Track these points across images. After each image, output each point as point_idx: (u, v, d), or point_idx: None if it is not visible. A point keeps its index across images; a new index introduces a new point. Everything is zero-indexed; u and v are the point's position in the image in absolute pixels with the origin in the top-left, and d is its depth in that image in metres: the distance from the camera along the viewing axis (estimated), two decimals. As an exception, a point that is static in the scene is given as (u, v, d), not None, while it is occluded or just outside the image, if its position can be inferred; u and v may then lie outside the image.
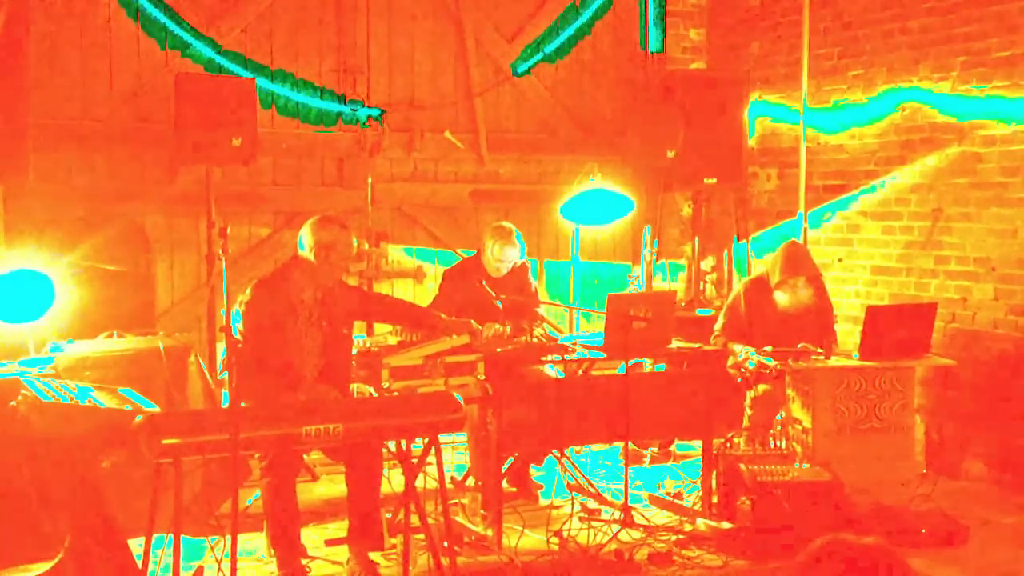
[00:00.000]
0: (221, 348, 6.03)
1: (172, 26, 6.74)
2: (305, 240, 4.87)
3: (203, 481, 5.15)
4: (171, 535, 3.98)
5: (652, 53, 8.12)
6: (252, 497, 5.30)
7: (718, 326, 6.09)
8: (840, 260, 7.24)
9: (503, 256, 5.94)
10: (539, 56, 7.78)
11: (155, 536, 4.10)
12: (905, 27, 6.68)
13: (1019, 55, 5.99)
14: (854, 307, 7.05)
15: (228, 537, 4.09)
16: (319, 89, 7.22)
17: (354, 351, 5.20)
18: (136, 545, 4.25)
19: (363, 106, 7.25)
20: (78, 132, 6.56)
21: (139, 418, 4.08)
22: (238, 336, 4.73)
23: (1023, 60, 5.97)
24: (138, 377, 5.33)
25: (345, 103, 7.25)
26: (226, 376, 4.95)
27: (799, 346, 5.62)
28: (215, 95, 6.09)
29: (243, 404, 4.16)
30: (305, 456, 5.55)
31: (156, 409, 4.90)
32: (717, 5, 8.22)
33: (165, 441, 3.88)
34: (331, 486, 5.95)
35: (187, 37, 6.78)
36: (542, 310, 6.23)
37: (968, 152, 6.31)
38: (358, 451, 4.69)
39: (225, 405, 5.05)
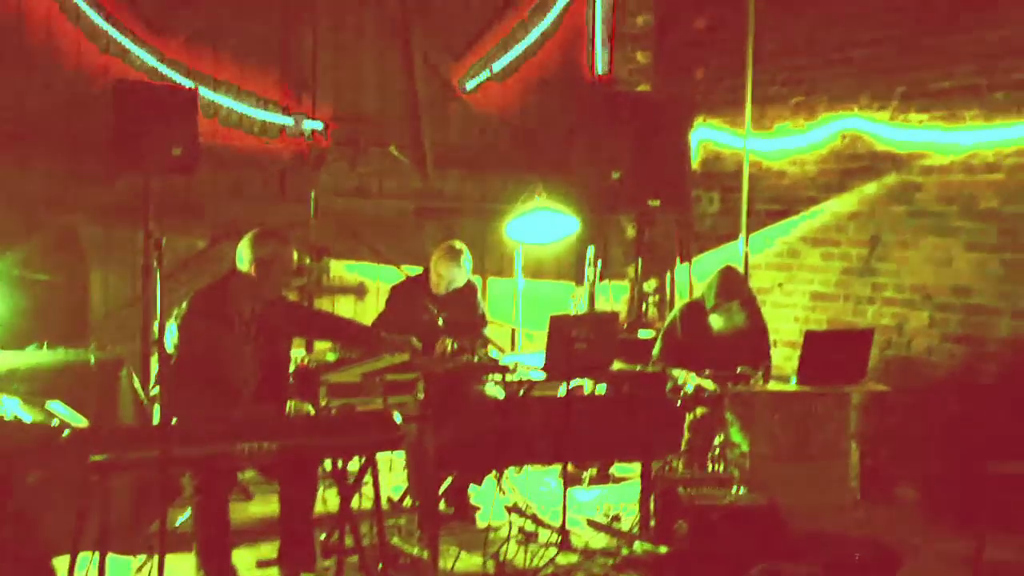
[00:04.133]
0: (155, 362, 5.91)
1: (114, 32, 6.62)
2: (244, 254, 4.79)
3: (132, 498, 5.02)
4: (97, 553, 3.88)
5: (599, 75, 8.15)
6: (183, 516, 5.18)
7: (656, 351, 6.11)
8: (780, 285, 7.31)
9: (445, 273, 5.91)
10: (486, 74, 7.77)
11: (80, 554, 3.99)
12: (847, 57, 6.79)
13: (957, 87, 6.11)
14: (793, 332, 7.12)
15: (156, 557, 3.99)
16: (263, 100, 7.14)
17: (292, 368, 5.12)
18: (61, 563, 4.13)
19: (308, 119, 7.17)
20: (13, 136, 6.40)
21: (67, 433, 3.98)
22: (172, 350, 4.63)
23: (961, 92, 6.09)
24: (68, 390, 5.18)
25: (290, 115, 7.17)
26: (158, 391, 4.85)
27: (738, 370, 5.65)
28: (156, 103, 5.98)
29: (175, 420, 4.07)
30: (239, 474, 5.44)
31: (85, 424, 4.77)
32: (664, 29, 8.29)
33: (93, 457, 3.79)
34: (265, 505, 5.84)
35: (128, 44, 6.66)
36: (488, 331, 6.20)
37: (906, 181, 6.41)
38: (293, 470, 4.61)
39: (157, 421, 4.94)
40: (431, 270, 5.96)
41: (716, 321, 5.97)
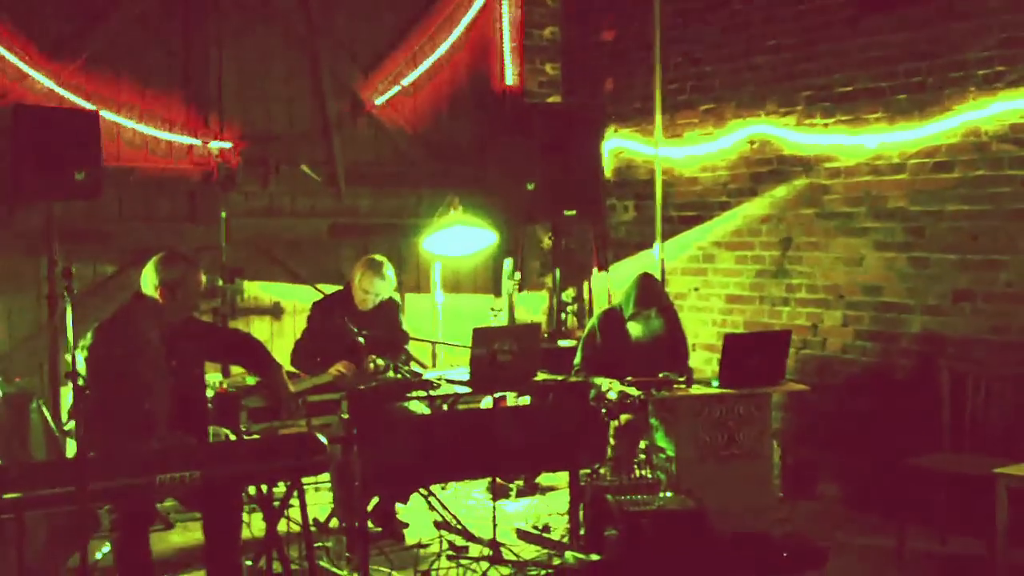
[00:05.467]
0: (66, 394, 5.71)
1: (9, 56, 6.42)
2: (149, 278, 4.65)
3: (48, 535, 4.83)
4: (13, 595, 3.73)
5: (509, 87, 8.17)
6: (102, 550, 5.02)
7: (577, 360, 6.12)
8: (696, 289, 7.39)
9: (371, 288, 5.85)
10: (396, 88, 7.73)
11: (-5, 597, 3.84)
12: (751, 63, 6.91)
13: (860, 90, 6.25)
14: (711, 335, 7.21)
15: (76, 595, 3.86)
16: (168, 122, 6.98)
17: (211, 392, 4.99)
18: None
19: (215, 139, 7.04)
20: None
21: (-24, 472, 3.81)
22: (82, 382, 4.47)
23: (864, 95, 6.24)
24: (-26, 426, 5.00)
25: (196, 136, 7.03)
26: (73, 425, 4.68)
27: (660, 375, 5.69)
28: (56, 127, 5.82)
29: (91, 453, 3.93)
30: (159, 503, 5.29)
31: (-5, 461, 4.59)
32: (571, 40, 8.35)
33: (6, 496, 3.64)
34: (187, 534, 5.69)
35: (25, 68, 6.46)
36: (409, 347, 6.14)
37: (815, 184, 6.54)
38: (216, 497, 4.49)
39: (71, 455, 4.78)
40: (356, 287, 5.88)
41: (635, 328, 6.02)
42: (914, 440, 5.73)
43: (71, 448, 5.35)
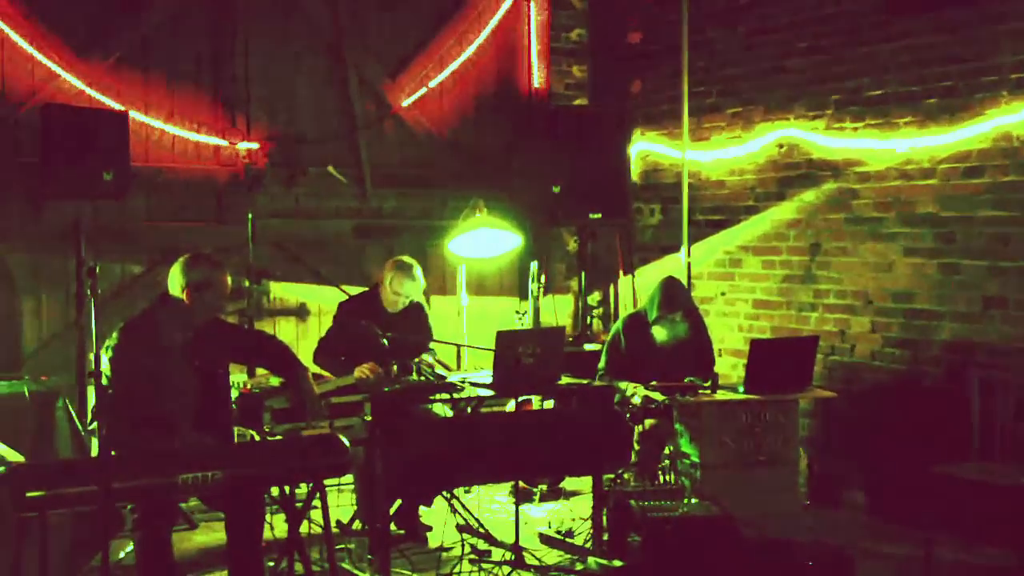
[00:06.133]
0: (92, 393, 5.74)
1: (39, 56, 6.46)
2: (175, 279, 4.66)
3: (72, 534, 4.86)
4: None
5: (536, 89, 8.15)
6: (125, 550, 5.04)
7: (601, 364, 6.10)
8: (723, 294, 7.34)
9: (402, 289, 5.84)
10: (423, 91, 7.73)
11: (19, 595, 3.85)
12: (781, 66, 6.86)
13: (890, 94, 6.19)
14: (737, 340, 7.16)
15: (99, 594, 3.87)
16: (196, 122, 7.01)
17: (235, 393, 5.00)
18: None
19: (242, 140, 7.07)
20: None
21: (1, 469, 3.83)
22: (106, 381, 4.49)
23: (894, 99, 6.17)
24: (1, 424, 5.03)
25: (224, 137, 7.05)
26: (96, 424, 4.71)
27: (686, 380, 5.65)
28: (86, 127, 5.85)
29: (115, 452, 3.94)
30: (182, 503, 5.31)
31: (20, 459, 4.61)
32: (598, 43, 8.32)
33: (30, 494, 3.67)
34: (210, 534, 5.70)
35: (55, 68, 6.51)
36: (433, 349, 6.13)
37: (844, 188, 6.48)
38: (239, 498, 4.49)
39: (95, 454, 4.80)
40: (386, 289, 5.87)
41: (659, 332, 5.99)
42: (943, 449, 5.65)
43: (96, 447, 5.38)
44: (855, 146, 6.40)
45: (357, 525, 5.63)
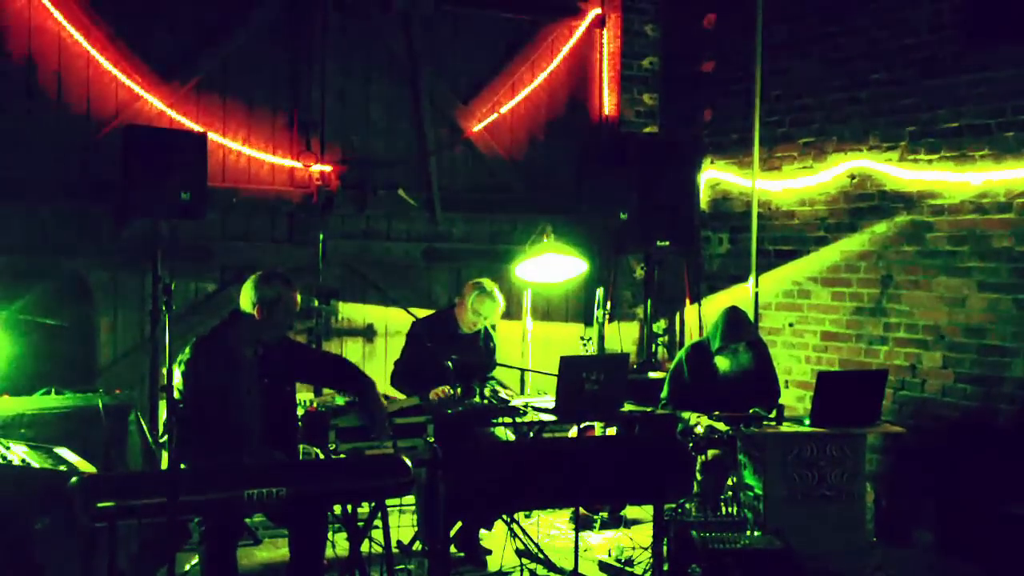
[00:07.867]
0: (164, 407, 5.87)
1: (123, 78, 6.66)
2: (248, 296, 4.76)
3: (139, 545, 4.96)
4: (104, 602, 3.83)
5: (606, 116, 8.18)
6: (191, 563, 5.13)
7: (664, 393, 6.07)
8: (790, 325, 7.27)
9: (483, 310, 5.90)
10: (494, 116, 7.79)
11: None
12: (854, 97, 6.79)
13: (966, 127, 6.10)
14: (804, 372, 7.07)
15: (164, 605, 3.94)
16: (271, 144, 7.16)
17: (301, 411, 5.07)
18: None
19: (316, 162, 7.19)
20: (23, 181, 6.41)
21: (74, 480, 3.94)
22: (178, 395, 4.59)
23: (970, 132, 6.08)
24: (76, 435, 5.16)
25: (298, 159, 7.19)
26: (167, 437, 4.80)
27: (751, 411, 5.60)
28: (165, 148, 6.01)
29: (183, 466, 4.03)
30: (247, 518, 5.39)
31: (92, 470, 4.73)
32: (670, 71, 8.32)
33: (100, 504, 3.76)
34: (273, 550, 5.78)
35: (138, 90, 6.70)
36: (497, 373, 6.16)
37: (917, 221, 6.39)
38: (302, 515, 4.55)
39: (165, 467, 4.90)
40: (467, 309, 5.93)
41: (722, 362, 5.94)
42: (1014, 488, 5.51)
43: (166, 460, 5.49)
44: (929, 178, 6.31)
45: (417, 546, 5.65)
